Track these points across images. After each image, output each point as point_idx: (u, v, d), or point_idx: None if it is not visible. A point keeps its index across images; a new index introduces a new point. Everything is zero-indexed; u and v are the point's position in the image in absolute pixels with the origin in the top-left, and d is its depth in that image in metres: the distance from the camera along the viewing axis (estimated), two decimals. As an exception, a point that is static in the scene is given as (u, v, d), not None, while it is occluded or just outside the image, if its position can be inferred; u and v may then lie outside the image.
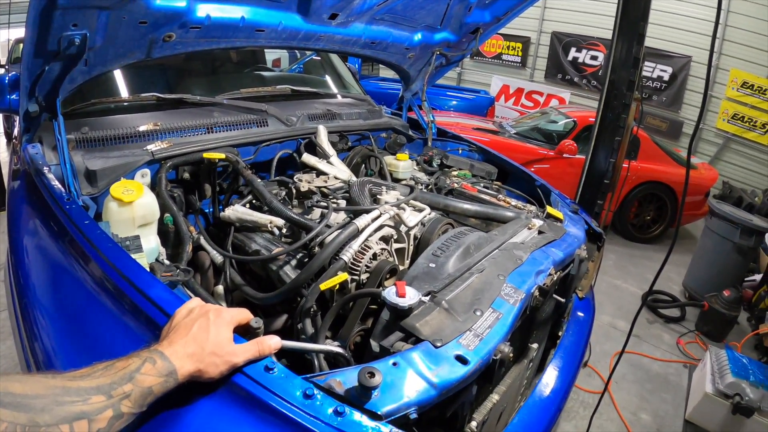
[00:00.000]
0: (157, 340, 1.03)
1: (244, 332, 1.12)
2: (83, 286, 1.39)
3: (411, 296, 1.30)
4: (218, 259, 1.89)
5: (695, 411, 3.45)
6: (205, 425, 0.97)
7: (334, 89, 3.52)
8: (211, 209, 2.24)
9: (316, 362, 1.39)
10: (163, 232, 1.87)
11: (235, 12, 2.14)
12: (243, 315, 1.11)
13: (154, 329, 1.16)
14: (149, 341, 1.15)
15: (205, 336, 0.99)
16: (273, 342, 1.09)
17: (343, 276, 1.58)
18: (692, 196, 6.71)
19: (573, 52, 12.51)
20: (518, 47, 13.39)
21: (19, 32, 9.53)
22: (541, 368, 1.84)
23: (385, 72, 13.09)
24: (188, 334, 0.99)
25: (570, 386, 1.82)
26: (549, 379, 1.73)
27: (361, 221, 1.74)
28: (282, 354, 1.33)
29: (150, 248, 1.69)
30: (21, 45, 10.37)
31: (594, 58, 12.23)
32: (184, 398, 0.99)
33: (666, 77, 11.23)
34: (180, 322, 1.04)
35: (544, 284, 1.67)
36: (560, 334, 2.00)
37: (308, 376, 1.05)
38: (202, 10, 2.04)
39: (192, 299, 1.15)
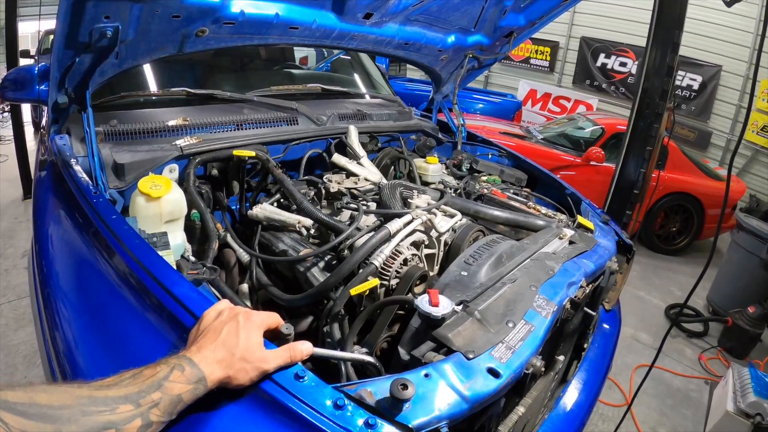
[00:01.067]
0: (181, 340, 1.04)
1: (272, 337, 1.09)
2: (107, 279, 1.38)
3: (444, 306, 1.27)
4: (244, 257, 1.87)
5: (715, 429, 3.38)
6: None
7: (364, 89, 3.50)
8: (238, 206, 2.23)
9: (343, 370, 1.37)
10: (189, 228, 1.86)
11: (269, 8, 2.13)
12: (273, 319, 1.09)
13: (178, 327, 1.15)
14: (172, 340, 1.14)
15: (235, 341, 0.98)
16: (305, 348, 1.07)
17: (374, 281, 1.56)
18: (719, 208, 6.59)
19: (602, 58, 12.39)
20: (547, 52, 13.31)
21: (50, 24, 9.66)
22: (564, 380, 1.80)
23: (412, 73, 13.08)
24: (217, 339, 0.97)
25: (594, 400, 1.79)
26: (573, 392, 1.70)
27: (393, 226, 1.71)
28: (306, 358, 1.32)
29: (176, 244, 1.69)
30: (51, 36, 10.52)
31: (623, 64, 12.11)
32: (212, 405, 0.98)
33: (696, 86, 11.08)
34: (209, 325, 1.02)
35: (575, 296, 1.63)
36: (586, 346, 1.96)
37: (339, 385, 1.02)
38: (237, 6, 2.03)
39: (221, 301, 1.13)
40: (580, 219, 2.29)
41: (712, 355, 4.53)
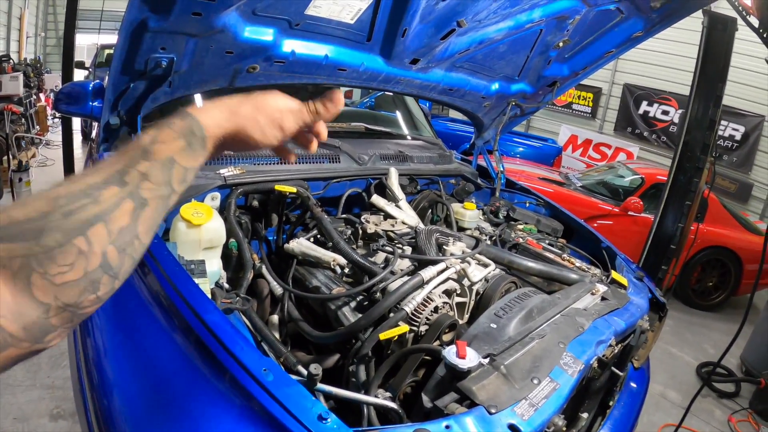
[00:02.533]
0: (206, 365, 1.06)
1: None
2: (140, 296, 1.44)
3: (471, 358, 1.29)
4: (277, 289, 1.91)
5: (742, 495, 3.27)
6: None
7: (406, 130, 3.56)
8: (275, 238, 2.28)
9: (365, 412, 1.39)
10: (226, 255, 1.91)
11: (319, 50, 2.20)
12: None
13: (203, 351, 1.20)
14: (197, 363, 1.19)
15: (245, 101, 0.84)
16: (333, 105, 0.92)
17: (404, 328, 1.58)
18: (758, 263, 6.42)
19: (644, 106, 12.34)
20: (589, 97, 13.30)
21: (107, 38, 10.01)
22: (586, 437, 1.78)
23: (455, 113, 13.14)
24: (225, 102, 0.83)
25: (617, 460, 1.77)
26: (596, 450, 1.68)
27: (426, 273, 1.74)
28: (329, 396, 1.34)
29: (212, 271, 1.73)
30: (106, 51, 10.91)
31: (665, 113, 12.03)
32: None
33: (738, 137, 10.95)
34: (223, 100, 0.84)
35: (603, 355, 1.63)
36: (611, 404, 1.93)
37: (360, 429, 1.05)
38: (288, 46, 2.10)
39: None
40: (614, 274, 2.27)
41: (742, 417, 4.37)
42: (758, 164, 10.85)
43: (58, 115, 10.13)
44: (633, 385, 2.11)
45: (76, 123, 9.22)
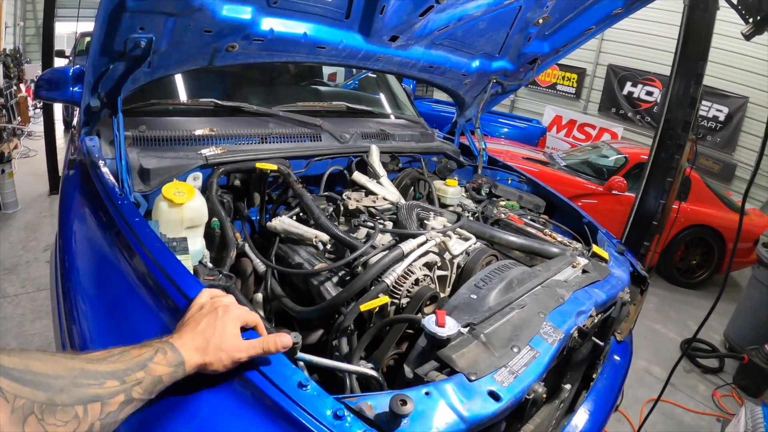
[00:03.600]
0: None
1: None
2: (125, 278, 1.43)
3: (450, 326, 1.30)
4: (260, 267, 1.91)
5: (726, 467, 3.33)
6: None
7: (389, 109, 3.55)
8: (258, 217, 2.28)
9: (348, 382, 1.40)
10: (208, 235, 1.90)
11: (298, 28, 2.18)
12: (251, 316, 1.14)
13: None
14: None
15: (212, 331, 1.04)
16: (281, 340, 1.10)
17: (384, 299, 1.59)
18: (741, 242, 6.50)
19: (628, 87, 12.38)
20: (573, 78, 13.32)
21: (87, 26, 9.89)
22: (571, 409, 1.80)
23: (440, 94, 13.13)
24: (196, 329, 1.04)
25: (600, 431, 1.78)
26: (579, 422, 1.68)
27: (406, 245, 1.74)
28: (314, 369, 1.35)
29: (195, 250, 1.73)
30: (86, 39, 10.77)
31: (649, 93, 12.08)
32: (216, 409, 1.02)
33: (721, 117, 11.02)
34: (191, 316, 1.09)
35: (584, 325, 1.64)
36: (594, 376, 1.95)
37: (340, 396, 1.05)
38: (266, 24, 2.09)
39: (202, 292, 1.20)
40: (595, 248, 2.29)
41: (726, 392, 4.45)
42: (742, 145, 10.93)
43: (39, 105, 10.02)
44: (616, 357, 2.13)
45: (58, 113, 9.13)
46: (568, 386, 1.81)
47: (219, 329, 1.04)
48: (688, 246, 6.78)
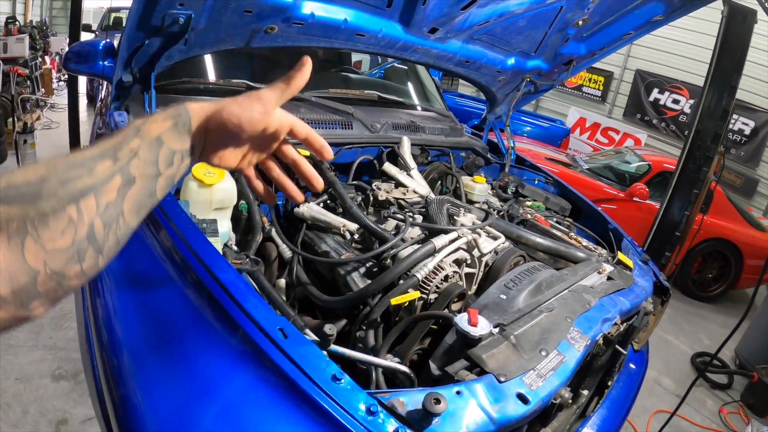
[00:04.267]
0: (218, 320, 1.07)
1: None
2: (151, 252, 1.44)
3: (482, 326, 1.29)
4: (286, 253, 1.91)
5: (728, 486, 3.31)
6: (265, 425, 0.99)
7: (419, 101, 3.53)
8: (285, 202, 2.27)
9: (373, 376, 1.40)
10: (235, 218, 1.90)
11: (338, 13, 2.17)
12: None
13: (216, 308, 1.20)
14: (210, 319, 1.20)
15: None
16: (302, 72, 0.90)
17: (415, 294, 1.58)
18: (759, 259, 6.45)
19: (655, 93, 12.23)
20: (600, 81, 13.19)
21: (116, 1, 9.94)
22: (582, 415, 1.79)
23: (464, 88, 13.07)
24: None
25: (613, 440, 1.78)
26: (591, 429, 1.67)
27: (438, 241, 1.73)
28: (335, 359, 1.35)
29: (222, 232, 1.73)
30: (113, 14, 10.82)
31: (676, 101, 11.93)
32: (248, 403, 1.01)
33: (747, 131, 10.87)
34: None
35: (609, 333, 1.64)
36: (610, 383, 1.94)
37: (372, 391, 1.05)
38: (308, 7, 2.07)
39: None
40: (620, 256, 2.28)
41: (733, 410, 4.41)
42: (765, 160, 10.78)
43: (63, 78, 10.08)
44: (632, 366, 2.12)
45: (82, 87, 9.18)
46: (585, 392, 1.80)
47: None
48: (705, 259, 6.72)
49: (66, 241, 0.62)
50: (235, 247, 1.74)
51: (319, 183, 0.96)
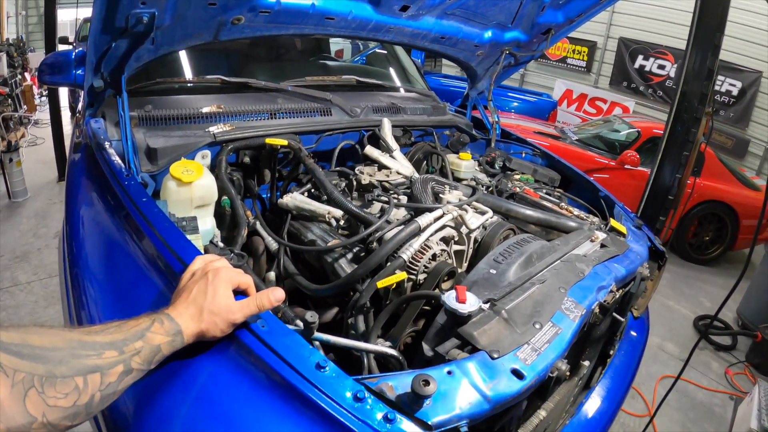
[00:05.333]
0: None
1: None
2: (135, 261, 1.40)
3: (471, 303, 1.26)
4: (273, 245, 1.88)
5: (738, 446, 3.30)
6: (250, 419, 0.96)
7: (399, 83, 3.48)
8: (268, 195, 2.24)
9: (365, 362, 1.37)
10: (219, 214, 1.87)
11: (305, -2, 2.12)
12: (242, 278, 1.12)
13: None
14: None
15: (203, 297, 1.03)
16: (273, 296, 1.10)
17: (401, 275, 1.55)
18: (754, 219, 6.46)
19: (640, 60, 12.23)
20: (584, 51, 13.17)
21: (88, 12, 9.83)
22: (586, 386, 1.77)
23: (448, 69, 13.02)
24: (189, 298, 1.04)
25: (617, 409, 1.74)
26: (596, 399, 1.65)
27: (423, 220, 1.70)
28: (329, 348, 1.31)
29: (205, 230, 1.71)
30: (88, 24, 10.70)
31: (661, 67, 11.93)
32: (231, 392, 0.99)
33: (735, 92, 10.88)
34: (184, 285, 1.09)
35: (605, 301, 1.61)
36: (612, 353, 1.92)
37: (360, 377, 1.02)
38: (273, -5, 2.03)
39: (195, 260, 1.17)
40: (613, 222, 2.25)
41: (738, 370, 4.42)
42: (755, 120, 10.79)
43: (45, 93, 10.01)
44: (633, 334, 2.10)
45: (64, 100, 9.12)
46: (586, 363, 1.78)
47: (210, 294, 1.03)
48: (701, 222, 6.72)
49: (68, 402, 0.78)
50: (220, 244, 1.70)
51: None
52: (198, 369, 1.05)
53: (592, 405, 1.63)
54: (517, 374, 1.13)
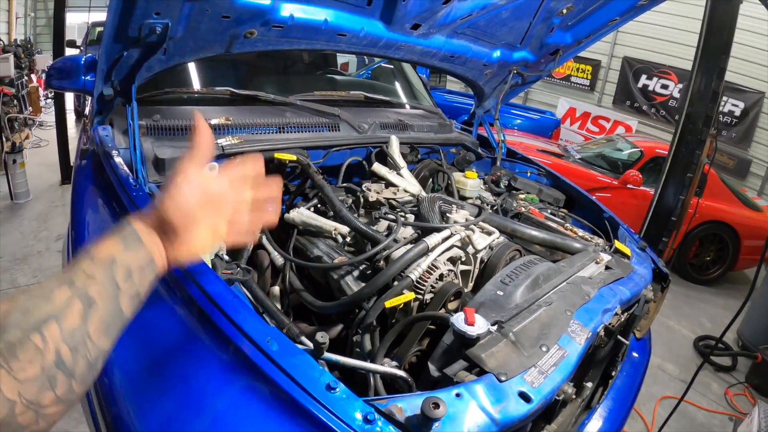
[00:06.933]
0: (208, 335, 1.07)
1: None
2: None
3: (480, 325, 1.26)
4: (278, 260, 1.88)
5: (738, 467, 3.30)
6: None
7: (406, 99, 3.50)
8: None
9: (371, 382, 1.37)
10: (224, 227, 1.87)
11: (318, 14, 2.13)
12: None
13: (207, 323, 1.17)
14: (200, 334, 1.18)
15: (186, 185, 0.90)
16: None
17: (410, 295, 1.55)
18: (755, 239, 6.47)
19: (643, 79, 12.29)
20: (588, 70, 13.24)
21: (98, 16, 9.87)
22: (588, 407, 1.77)
23: (452, 84, 13.07)
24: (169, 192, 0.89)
25: (619, 430, 1.75)
26: (598, 420, 1.67)
27: (431, 240, 1.70)
28: (333, 366, 1.32)
29: (212, 244, 1.70)
30: (97, 28, 10.78)
31: (665, 87, 11.98)
32: (238, 408, 0.99)
33: (737, 112, 10.92)
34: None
35: (610, 324, 1.61)
36: (614, 374, 1.93)
37: (369, 399, 1.02)
38: (287, 10, 2.04)
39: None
40: (617, 244, 2.25)
41: (738, 391, 4.42)
42: (757, 140, 10.83)
43: (50, 95, 10.06)
44: (635, 355, 2.10)
45: (69, 103, 9.16)
46: (589, 384, 1.78)
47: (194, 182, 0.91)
48: (702, 242, 6.73)
49: (35, 369, 0.63)
50: (226, 257, 1.70)
51: None
52: (205, 387, 1.05)
53: (594, 426, 1.64)
54: (525, 397, 1.13)
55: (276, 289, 1.82)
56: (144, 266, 0.81)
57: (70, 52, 8.54)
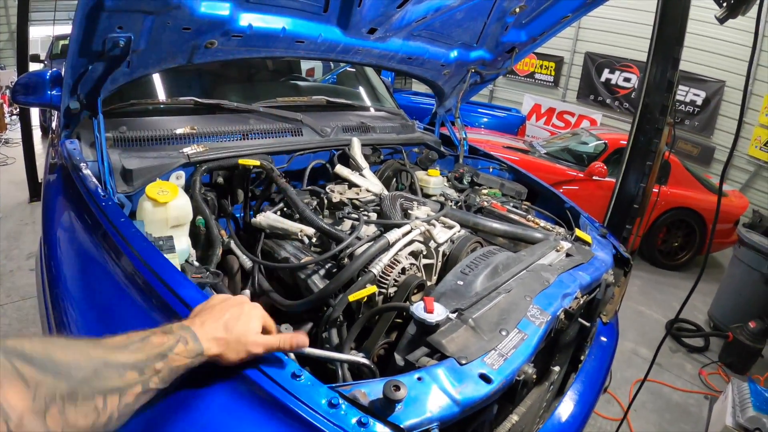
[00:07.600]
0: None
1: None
2: (114, 280, 1.42)
3: (439, 312, 1.31)
4: (247, 264, 1.91)
5: (714, 444, 3.39)
6: (228, 428, 0.99)
7: (368, 102, 3.54)
8: (242, 214, 2.27)
9: (340, 372, 1.41)
10: (194, 234, 1.90)
11: (276, 23, 2.18)
12: (269, 320, 1.14)
13: (168, 312, 1.21)
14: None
15: (235, 324, 1.04)
16: (298, 339, 1.13)
17: (371, 288, 1.60)
18: (721, 223, 6.61)
19: (606, 74, 12.45)
20: (551, 66, 13.38)
21: (61, 29, 9.76)
22: (560, 392, 1.82)
23: (418, 86, 13.12)
24: (221, 319, 1.04)
25: (589, 412, 1.79)
26: (568, 403, 1.71)
27: (392, 235, 1.75)
28: (305, 361, 1.36)
29: (181, 249, 1.72)
30: (61, 42, 10.64)
31: (627, 80, 12.16)
32: (210, 402, 1.02)
33: (699, 102, 11.10)
34: (216, 305, 1.09)
35: (570, 307, 1.66)
36: (582, 358, 1.97)
37: (334, 385, 1.06)
38: (245, 20, 2.08)
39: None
40: (578, 232, 2.31)
41: (712, 370, 4.53)
42: (719, 128, 11.02)
43: (15, 112, 9.90)
44: (603, 339, 2.15)
45: (35, 119, 9.02)
46: (557, 368, 1.83)
47: (244, 322, 1.05)
48: (669, 229, 6.86)
49: (87, 422, 0.77)
50: (196, 263, 1.73)
51: None
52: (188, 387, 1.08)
53: (565, 408, 1.67)
54: (485, 378, 1.17)
55: (247, 292, 1.83)
56: (192, 367, 0.98)
57: (34, 66, 8.42)
